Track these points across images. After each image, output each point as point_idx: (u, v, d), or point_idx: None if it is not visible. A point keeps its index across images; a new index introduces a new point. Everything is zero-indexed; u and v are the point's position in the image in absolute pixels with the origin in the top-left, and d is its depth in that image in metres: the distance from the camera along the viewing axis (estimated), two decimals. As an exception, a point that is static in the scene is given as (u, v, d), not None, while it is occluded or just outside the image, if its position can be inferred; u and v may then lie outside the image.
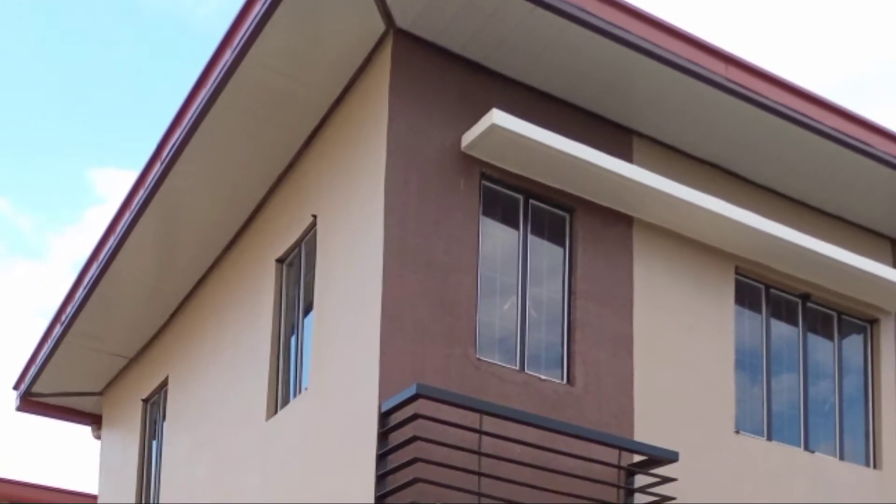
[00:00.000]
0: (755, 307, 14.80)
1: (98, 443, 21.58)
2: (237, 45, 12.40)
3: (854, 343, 15.63)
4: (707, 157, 14.31)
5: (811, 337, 15.23)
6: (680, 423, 13.61)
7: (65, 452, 61.02)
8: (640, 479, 12.91)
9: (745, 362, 14.59)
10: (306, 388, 13.40)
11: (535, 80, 12.98)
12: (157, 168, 14.42)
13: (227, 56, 12.61)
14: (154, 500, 18.07)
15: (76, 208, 66.89)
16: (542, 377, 12.69)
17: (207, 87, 13.09)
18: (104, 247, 16.54)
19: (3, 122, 53.65)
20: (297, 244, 14.13)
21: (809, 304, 15.19)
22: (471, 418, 11.67)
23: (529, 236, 13.08)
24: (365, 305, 12.03)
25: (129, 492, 18.95)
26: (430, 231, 12.17)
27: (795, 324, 15.12)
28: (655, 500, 12.75)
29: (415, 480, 11.14)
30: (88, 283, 17.23)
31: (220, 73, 12.80)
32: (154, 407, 18.80)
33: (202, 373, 16.50)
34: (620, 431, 13.04)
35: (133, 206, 15.30)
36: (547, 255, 13.21)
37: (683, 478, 13.02)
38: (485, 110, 12.42)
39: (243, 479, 14.61)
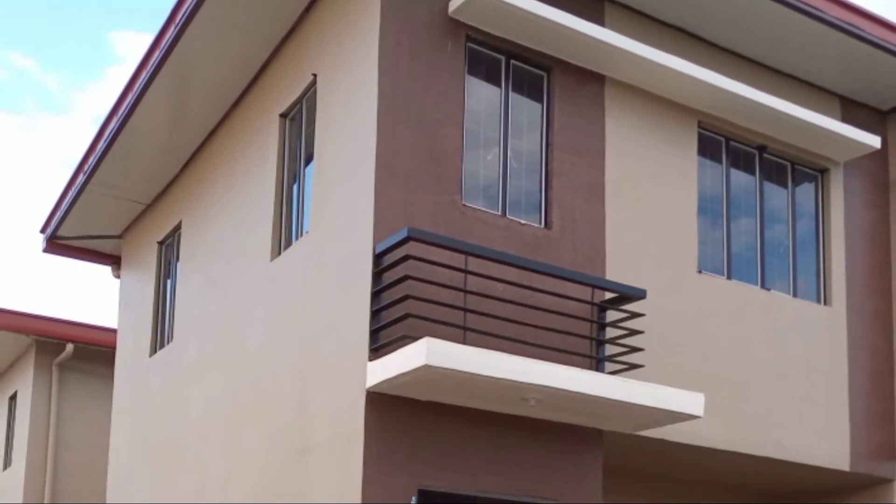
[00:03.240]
0: (716, 158, 14.97)
1: (118, 282, 21.73)
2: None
3: (806, 190, 15.83)
4: (673, 22, 14.40)
5: (767, 185, 15.42)
6: (647, 264, 13.86)
7: (87, 291, 61.63)
8: (611, 315, 13.13)
9: (706, 208, 14.77)
10: (307, 232, 13.60)
11: (516, -50, 13.04)
12: (171, 31, 14.45)
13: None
14: (168, 333, 18.36)
15: (98, 67, 66.77)
16: (522, 221, 12.93)
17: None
18: (123, 103, 16.62)
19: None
20: (299, 100, 14.25)
21: (765, 155, 15.38)
22: (457, 259, 11.91)
23: (510, 93, 13.22)
24: (361, 156, 12.23)
25: (146, 326, 19.20)
26: (420, 89, 12.33)
27: (753, 173, 15.30)
28: (625, 334, 12.98)
29: (406, 316, 11.40)
30: (109, 135, 17.31)
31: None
32: (169, 249, 18.97)
33: (212, 217, 16.69)
34: (593, 271, 13.28)
35: (149, 66, 15.37)
36: (526, 110, 13.37)
37: (651, 313, 13.31)
38: (470, -22, 12.52)
39: (250, 313, 14.88)
